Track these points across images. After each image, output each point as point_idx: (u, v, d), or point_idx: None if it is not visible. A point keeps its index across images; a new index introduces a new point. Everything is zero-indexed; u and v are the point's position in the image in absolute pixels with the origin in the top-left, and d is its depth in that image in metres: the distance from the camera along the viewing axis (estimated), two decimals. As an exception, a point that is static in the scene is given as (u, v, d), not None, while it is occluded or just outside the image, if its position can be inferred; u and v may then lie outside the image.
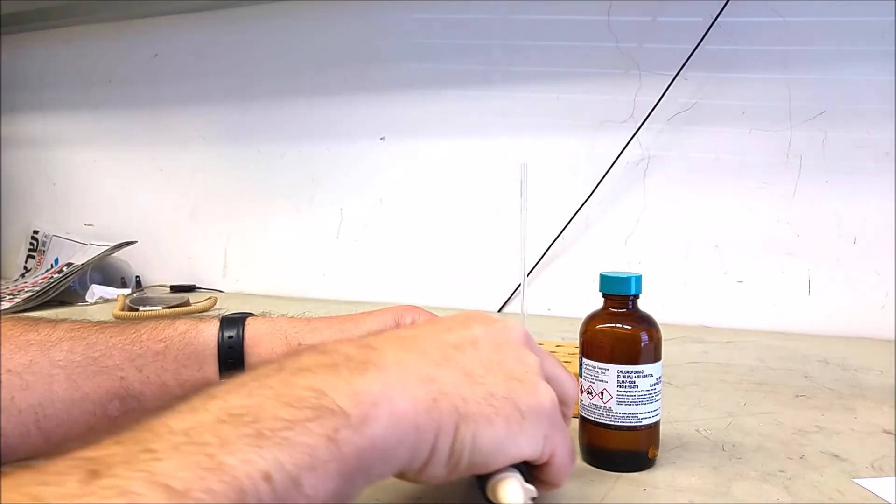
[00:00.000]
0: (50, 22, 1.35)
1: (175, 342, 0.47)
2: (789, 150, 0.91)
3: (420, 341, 0.33)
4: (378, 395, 0.28)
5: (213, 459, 0.23)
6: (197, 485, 0.22)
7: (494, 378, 0.33)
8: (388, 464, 0.29)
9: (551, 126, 1.03)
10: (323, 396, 0.27)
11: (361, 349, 0.31)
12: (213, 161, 1.29)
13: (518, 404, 0.33)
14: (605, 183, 0.99)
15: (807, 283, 0.92)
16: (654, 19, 0.96)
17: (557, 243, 1.02)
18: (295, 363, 0.29)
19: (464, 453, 0.31)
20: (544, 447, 0.34)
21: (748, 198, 0.93)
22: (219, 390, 0.27)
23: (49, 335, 0.46)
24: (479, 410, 0.31)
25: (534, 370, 0.35)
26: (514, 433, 0.32)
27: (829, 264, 0.90)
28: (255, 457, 0.24)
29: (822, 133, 0.89)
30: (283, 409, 0.26)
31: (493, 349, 0.34)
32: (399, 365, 0.30)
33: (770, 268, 0.93)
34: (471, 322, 0.36)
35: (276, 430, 0.25)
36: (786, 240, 0.92)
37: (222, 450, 0.24)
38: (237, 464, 0.24)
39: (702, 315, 0.95)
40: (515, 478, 0.33)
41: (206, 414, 0.25)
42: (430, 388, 0.30)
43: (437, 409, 0.30)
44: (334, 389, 0.28)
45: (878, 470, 0.45)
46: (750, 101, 0.92)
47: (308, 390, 0.27)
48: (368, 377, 0.29)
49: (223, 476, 0.23)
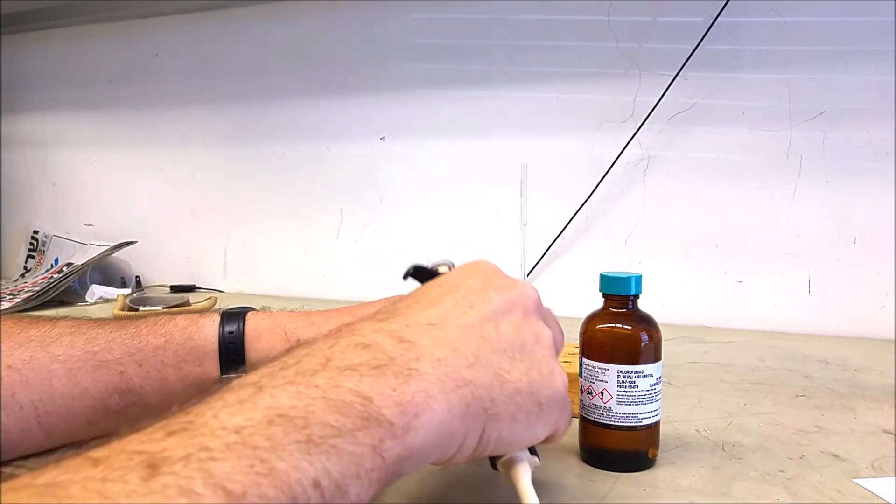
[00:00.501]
0: (50, 22, 1.35)
1: (175, 337, 0.47)
2: (789, 150, 0.91)
3: (450, 329, 0.33)
4: (421, 405, 0.29)
5: (265, 464, 0.24)
6: (252, 489, 0.23)
7: (518, 372, 0.34)
8: (420, 464, 0.30)
9: (551, 126, 1.03)
10: (370, 404, 0.28)
11: (401, 346, 0.31)
12: (213, 161, 1.29)
13: (539, 398, 0.34)
14: (605, 183, 0.99)
15: (807, 283, 0.92)
16: (654, 19, 0.96)
17: (557, 243, 1.02)
18: (341, 358, 0.30)
19: (487, 448, 0.33)
20: (554, 428, 0.36)
21: (748, 198, 0.93)
22: (265, 381, 0.27)
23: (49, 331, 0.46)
24: (505, 410, 0.33)
25: (549, 348, 0.36)
26: (533, 423, 0.34)
27: (829, 264, 0.90)
28: (306, 464, 0.25)
29: (822, 133, 0.89)
30: (331, 416, 0.27)
31: (514, 329, 0.35)
32: (437, 367, 0.31)
33: (770, 268, 0.93)
34: (489, 291, 0.36)
35: (325, 438, 0.26)
36: (786, 240, 0.92)
37: (274, 454, 0.24)
38: (289, 470, 0.24)
39: (702, 315, 0.95)
40: (525, 458, 0.35)
41: (256, 412, 0.26)
42: (465, 392, 0.31)
43: (469, 413, 0.31)
44: (381, 398, 0.28)
45: (878, 470, 0.45)
46: (750, 101, 0.92)
47: (356, 396, 0.28)
48: (413, 386, 0.30)
49: (276, 482, 0.23)
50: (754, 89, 0.92)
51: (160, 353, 0.46)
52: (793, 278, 0.92)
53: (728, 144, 0.94)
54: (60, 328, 0.46)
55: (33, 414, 0.43)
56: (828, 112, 0.89)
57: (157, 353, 0.46)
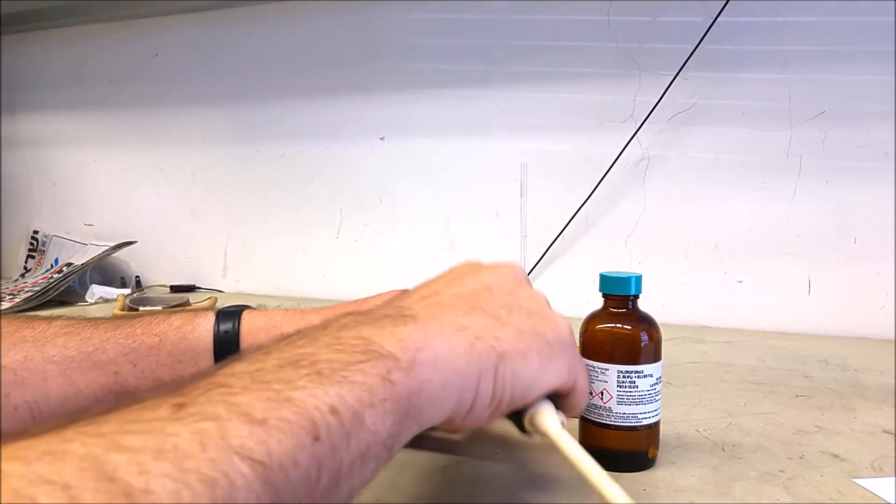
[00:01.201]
0: (50, 22, 1.35)
1: (170, 336, 0.47)
2: (789, 150, 0.91)
3: (443, 297, 0.35)
4: (421, 341, 0.30)
5: (282, 394, 0.25)
6: (273, 414, 0.24)
7: (518, 317, 0.35)
8: (438, 408, 0.31)
9: (551, 126, 1.03)
10: (371, 343, 0.29)
11: (396, 309, 0.33)
12: (213, 161, 1.29)
13: (546, 337, 0.35)
14: (605, 183, 0.99)
15: (807, 283, 0.91)
16: (654, 19, 0.96)
17: (557, 243, 1.02)
18: (337, 324, 0.31)
19: (506, 390, 0.33)
20: (569, 375, 0.36)
21: (748, 198, 0.93)
22: (271, 347, 0.29)
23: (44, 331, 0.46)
24: (514, 347, 0.33)
25: (546, 304, 0.38)
26: (546, 364, 0.35)
27: (829, 264, 0.90)
28: (320, 392, 0.26)
29: (822, 133, 0.89)
30: (336, 354, 0.28)
31: (507, 293, 0.37)
32: (434, 318, 0.33)
33: (770, 268, 0.93)
34: (479, 270, 0.38)
35: (334, 371, 0.27)
36: (786, 240, 0.92)
37: (288, 387, 0.25)
38: (305, 398, 0.25)
39: (702, 315, 0.95)
40: (549, 406, 0.36)
41: (266, 363, 0.27)
42: (466, 334, 0.32)
43: (475, 352, 0.32)
44: (380, 337, 0.30)
45: (878, 470, 0.45)
46: (750, 101, 0.92)
47: (356, 339, 0.29)
48: (410, 327, 0.31)
49: (294, 407, 0.24)
50: (754, 89, 0.92)
51: (155, 353, 0.46)
52: (793, 278, 0.92)
53: (728, 144, 0.94)
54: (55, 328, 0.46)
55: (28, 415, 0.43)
56: (828, 112, 0.89)
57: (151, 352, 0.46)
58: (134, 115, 1.35)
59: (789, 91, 0.90)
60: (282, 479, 0.23)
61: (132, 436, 0.21)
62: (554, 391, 0.36)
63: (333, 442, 0.25)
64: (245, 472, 0.22)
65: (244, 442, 0.22)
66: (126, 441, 0.20)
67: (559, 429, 0.35)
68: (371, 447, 0.27)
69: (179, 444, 0.21)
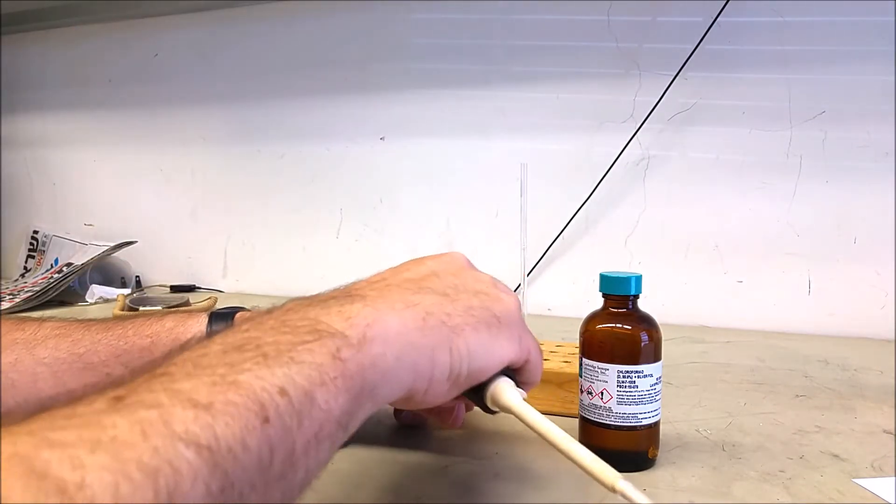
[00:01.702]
0: (50, 22, 1.35)
1: (162, 338, 0.47)
2: (789, 150, 0.91)
3: (390, 281, 0.36)
4: (370, 317, 0.30)
5: (226, 378, 0.24)
6: (219, 398, 0.23)
7: (465, 295, 0.36)
8: (394, 384, 0.30)
9: (551, 126, 1.03)
10: (319, 323, 0.29)
11: (343, 292, 0.33)
12: (213, 161, 1.29)
13: (493, 311, 0.36)
14: (605, 183, 0.99)
15: (807, 283, 0.91)
16: (654, 19, 0.96)
17: (557, 243, 1.02)
18: (282, 308, 0.31)
19: (462, 364, 0.33)
20: (521, 347, 0.37)
21: (748, 198, 0.93)
22: (215, 337, 0.28)
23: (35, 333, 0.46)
24: (465, 322, 0.34)
25: (491, 284, 0.38)
26: (496, 336, 0.35)
27: (829, 264, 0.90)
28: (267, 373, 0.25)
29: (822, 133, 0.89)
30: (282, 336, 0.27)
31: (452, 276, 0.37)
32: (382, 297, 0.33)
33: (770, 268, 0.93)
34: (423, 260, 0.39)
35: (281, 352, 0.26)
36: (786, 240, 0.92)
37: (233, 371, 0.25)
38: (251, 380, 0.24)
39: (702, 315, 0.95)
40: (508, 381, 0.36)
41: (208, 349, 0.26)
42: (417, 310, 0.32)
43: (427, 326, 0.32)
44: (328, 317, 0.29)
45: (878, 470, 0.45)
46: (750, 101, 0.92)
47: (303, 320, 0.29)
48: (358, 305, 0.31)
49: (240, 390, 0.24)
50: (754, 89, 0.92)
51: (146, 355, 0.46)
52: (793, 278, 0.92)
53: (728, 144, 0.94)
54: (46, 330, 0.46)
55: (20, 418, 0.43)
56: (828, 112, 0.89)
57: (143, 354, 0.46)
58: (134, 115, 1.35)
59: (789, 91, 0.90)
60: (231, 463, 0.22)
61: (65, 431, 0.20)
62: (509, 365, 0.37)
63: (284, 423, 0.24)
64: (190, 459, 0.21)
65: (189, 427, 0.21)
66: (58, 436, 0.20)
67: (520, 402, 0.36)
68: (325, 426, 0.26)
69: (118, 435, 0.20)
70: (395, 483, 0.44)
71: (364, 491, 0.43)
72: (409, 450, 0.50)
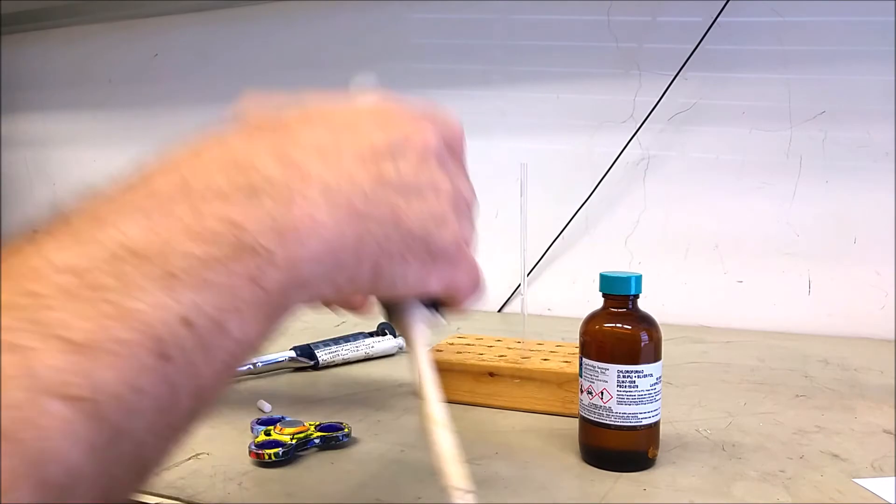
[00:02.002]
0: (50, 22, 1.35)
1: None
2: (789, 150, 0.91)
3: (344, 157, 0.29)
4: (305, 232, 0.25)
5: (116, 306, 0.20)
6: (102, 335, 0.19)
7: (414, 214, 0.30)
8: (310, 297, 0.27)
9: (551, 126, 1.03)
10: (244, 233, 0.23)
11: (283, 167, 0.26)
12: (213, 161, 1.29)
13: (430, 247, 0.32)
14: (605, 183, 0.99)
15: (807, 283, 0.91)
16: (654, 19, 0.96)
17: (557, 243, 1.02)
18: (203, 180, 0.25)
19: (379, 285, 0.30)
20: (448, 286, 0.33)
21: (748, 198, 0.93)
22: (108, 210, 0.23)
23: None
24: (397, 250, 0.30)
25: (447, 201, 0.33)
26: (423, 272, 0.32)
27: (829, 264, 0.90)
28: (170, 301, 0.21)
29: (822, 133, 0.89)
30: (196, 246, 0.22)
31: (413, 172, 0.31)
32: (327, 194, 0.27)
33: (770, 268, 0.93)
34: (390, 125, 0.32)
35: (190, 270, 0.22)
36: (786, 240, 0.92)
37: (126, 294, 0.20)
38: (148, 309, 0.20)
39: (702, 315, 0.95)
40: (419, 310, 0.34)
41: (98, 247, 0.21)
42: (358, 227, 0.28)
43: (361, 247, 0.28)
44: (256, 225, 0.24)
45: (878, 470, 0.45)
46: (750, 101, 0.92)
47: (224, 223, 0.23)
48: (296, 211, 0.25)
49: (131, 323, 0.20)
50: (754, 89, 0.92)
51: None
52: (793, 278, 0.92)
53: (728, 144, 0.94)
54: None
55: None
56: (828, 112, 0.89)
57: None
58: (134, 115, 1.35)
59: (789, 91, 0.90)
60: (121, 411, 0.19)
61: None
62: (433, 296, 0.34)
63: (189, 358, 0.21)
64: (59, 414, 0.18)
65: (58, 377, 0.18)
66: None
67: (418, 333, 0.34)
68: (237, 355, 0.23)
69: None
70: (395, 483, 0.44)
71: (364, 491, 0.43)
72: (410, 450, 0.50)
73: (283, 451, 0.47)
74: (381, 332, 0.79)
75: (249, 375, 0.69)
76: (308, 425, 0.51)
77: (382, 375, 0.70)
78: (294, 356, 0.71)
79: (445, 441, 0.30)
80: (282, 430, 0.49)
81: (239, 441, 0.50)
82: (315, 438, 0.50)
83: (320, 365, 0.71)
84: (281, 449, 0.47)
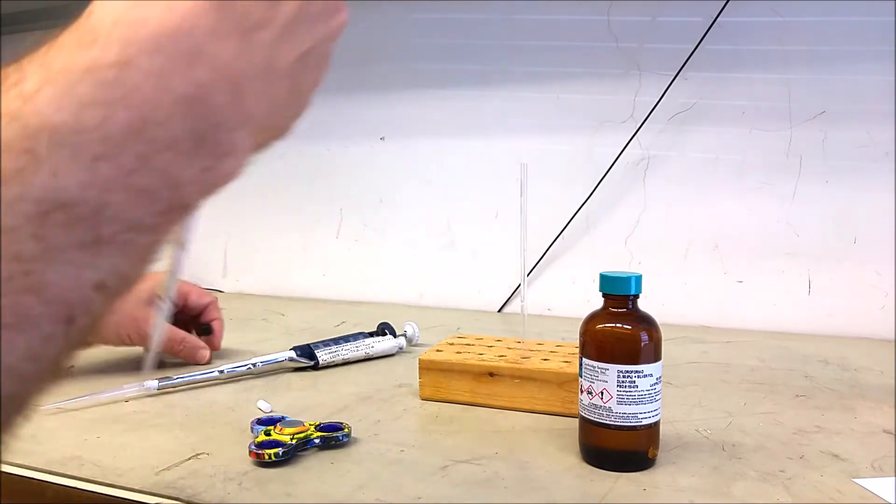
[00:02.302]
0: (50, 22, 1.35)
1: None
2: (789, 150, 0.91)
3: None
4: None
5: (31, 277, 0.18)
6: (7, 312, 0.18)
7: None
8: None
9: (551, 126, 1.03)
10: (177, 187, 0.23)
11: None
12: (213, 161, 1.29)
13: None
14: (605, 183, 0.99)
15: (807, 283, 0.91)
16: (654, 19, 0.96)
17: (557, 243, 1.02)
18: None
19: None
20: None
21: (748, 198, 0.93)
22: (39, 135, 0.21)
23: None
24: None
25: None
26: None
27: (829, 264, 0.90)
28: (90, 271, 0.20)
29: (822, 133, 0.89)
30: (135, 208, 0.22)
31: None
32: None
33: (770, 268, 0.93)
34: None
35: (117, 233, 0.21)
36: (786, 240, 0.92)
37: (46, 263, 0.19)
38: (64, 282, 0.19)
39: (702, 315, 0.95)
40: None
41: (30, 190, 0.20)
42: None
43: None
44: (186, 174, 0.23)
45: (878, 470, 0.45)
46: (750, 101, 0.92)
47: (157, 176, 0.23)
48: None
49: (46, 294, 0.19)
50: (754, 89, 0.92)
51: None
52: (793, 278, 0.92)
53: (728, 144, 0.94)
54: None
55: None
56: (828, 112, 0.89)
57: None
58: (134, 115, 1.35)
59: (789, 91, 0.90)
60: (18, 384, 0.18)
61: None
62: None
63: (95, 315, 0.20)
64: None
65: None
66: None
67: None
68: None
69: None
70: (395, 483, 0.44)
71: (364, 491, 0.43)
72: (410, 450, 0.50)
73: (283, 451, 0.47)
74: (381, 332, 0.79)
75: (249, 375, 0.69)
76: (308, 425, 0.51)
77: (382, 375, 0.70)
78: (294, 356, 0.71)
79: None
80: (282, 430, 0.49)
81: (239, 441, 0.50)
82: (315, 438, 0.50)
83: (320, 365, 0.71)
84: (281, 449, 0.47)
